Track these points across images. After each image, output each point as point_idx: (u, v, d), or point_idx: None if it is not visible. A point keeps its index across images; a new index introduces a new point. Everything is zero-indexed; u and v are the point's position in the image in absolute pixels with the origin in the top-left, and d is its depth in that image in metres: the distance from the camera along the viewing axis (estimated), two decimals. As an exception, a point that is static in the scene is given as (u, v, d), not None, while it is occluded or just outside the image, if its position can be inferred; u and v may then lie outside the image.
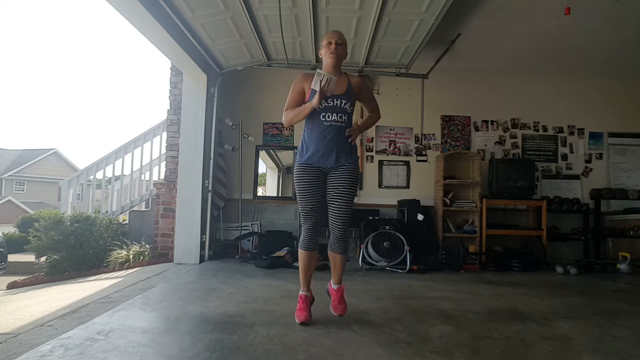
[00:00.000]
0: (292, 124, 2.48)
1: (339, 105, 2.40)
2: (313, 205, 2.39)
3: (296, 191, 2.45)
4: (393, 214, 5.62)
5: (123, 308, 2.65)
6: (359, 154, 5.55)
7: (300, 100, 2.49)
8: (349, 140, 2.44)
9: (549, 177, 5.87)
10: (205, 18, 3.90)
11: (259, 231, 5.47)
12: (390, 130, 5.84)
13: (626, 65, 5.56)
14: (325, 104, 2.38)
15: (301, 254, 2.46)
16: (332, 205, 2.42)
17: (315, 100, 2.35)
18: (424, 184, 5.75)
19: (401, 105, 5.81)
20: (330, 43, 2.43)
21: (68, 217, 5.46)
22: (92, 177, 6.16)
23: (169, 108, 5.61)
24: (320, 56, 2.53)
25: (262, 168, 5.93)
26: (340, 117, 2.40)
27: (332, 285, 2.54)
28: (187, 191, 4.76)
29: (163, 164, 5.82)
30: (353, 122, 2.51)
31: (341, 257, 2.50)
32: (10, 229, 9.50)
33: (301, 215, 2.46)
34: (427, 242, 5.21)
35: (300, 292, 2.46)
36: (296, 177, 2.43)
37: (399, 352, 1.96)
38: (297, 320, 2.36)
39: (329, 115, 2.38)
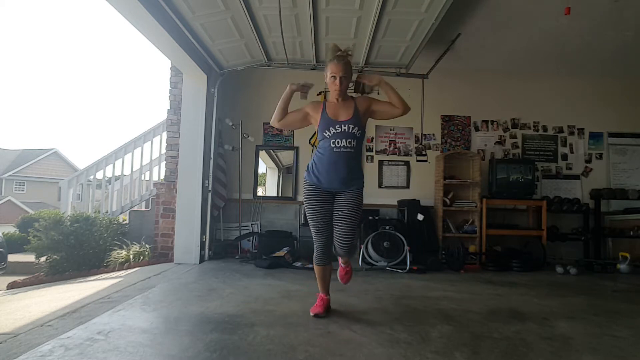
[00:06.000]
0: (277, 119, 2.64)
1: (347, 130, 2.45)
2: (323, 223, 2.51)
3: (306, 210, 2.56)
4: (393, 214, 5.62)
5: (123, 308, 2.65)
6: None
7: (297, 117, 2.64)
8: (358, 79, 2.60)
9: (549, 177, 5.87)
10: (205, 18, 3.90)
11: (259, 231, 5.47)
12: (390, 130, 5.84)
13: (626, 65, 5.56)
14: (334, 130, 2.46)
15: (316, 268, 2.63)
16: (338, 226, 2.52)
17: (295, 86, 2.59)
18: (424, 184, 5.74)
19: (401, 105, 5.81)
20: (335, 77, 2.48)
21: (68, 217, 5.45)
22: (92, 177, 6.16)
23: (169, 108, 5.60)
24: (325, 81, 2.57)
25: (262, 168, 5.93)
26: (350, 143, 2.46)
27: (341, 264, 2.76)
28: (187, 191, 4.76)
29: (163, 164, 5.82)
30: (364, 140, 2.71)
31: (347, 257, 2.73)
32: (10, 229, 9.50)
33: (312, 233, 2.56)
34: (427, 242, 5.20)
35: (320, 293, 2.65)
36: (306, 196, 2.55)
37: (399, 352, 1.96)
38: (311, 313, 2.53)
39: (338, 142, 2.45)
